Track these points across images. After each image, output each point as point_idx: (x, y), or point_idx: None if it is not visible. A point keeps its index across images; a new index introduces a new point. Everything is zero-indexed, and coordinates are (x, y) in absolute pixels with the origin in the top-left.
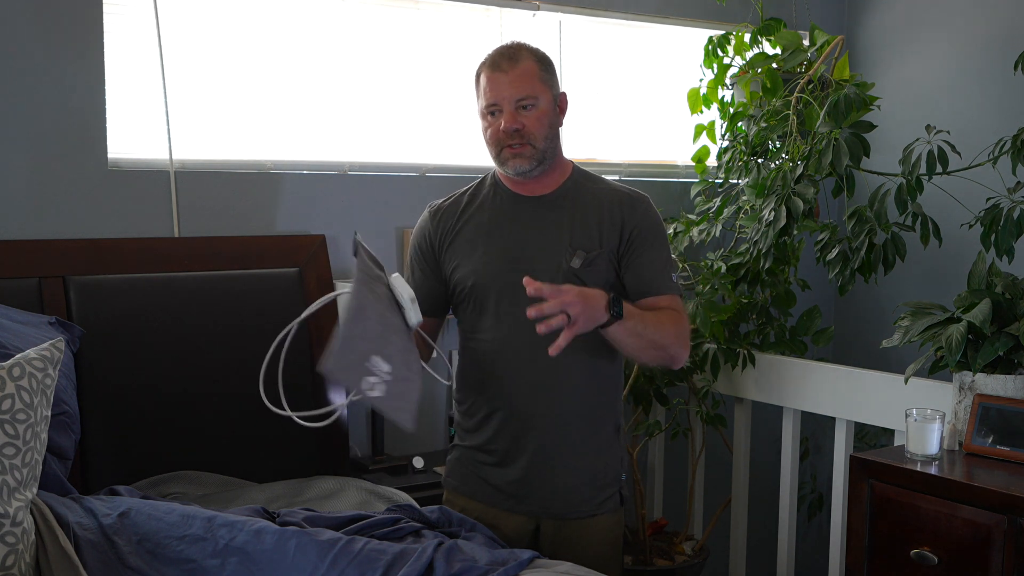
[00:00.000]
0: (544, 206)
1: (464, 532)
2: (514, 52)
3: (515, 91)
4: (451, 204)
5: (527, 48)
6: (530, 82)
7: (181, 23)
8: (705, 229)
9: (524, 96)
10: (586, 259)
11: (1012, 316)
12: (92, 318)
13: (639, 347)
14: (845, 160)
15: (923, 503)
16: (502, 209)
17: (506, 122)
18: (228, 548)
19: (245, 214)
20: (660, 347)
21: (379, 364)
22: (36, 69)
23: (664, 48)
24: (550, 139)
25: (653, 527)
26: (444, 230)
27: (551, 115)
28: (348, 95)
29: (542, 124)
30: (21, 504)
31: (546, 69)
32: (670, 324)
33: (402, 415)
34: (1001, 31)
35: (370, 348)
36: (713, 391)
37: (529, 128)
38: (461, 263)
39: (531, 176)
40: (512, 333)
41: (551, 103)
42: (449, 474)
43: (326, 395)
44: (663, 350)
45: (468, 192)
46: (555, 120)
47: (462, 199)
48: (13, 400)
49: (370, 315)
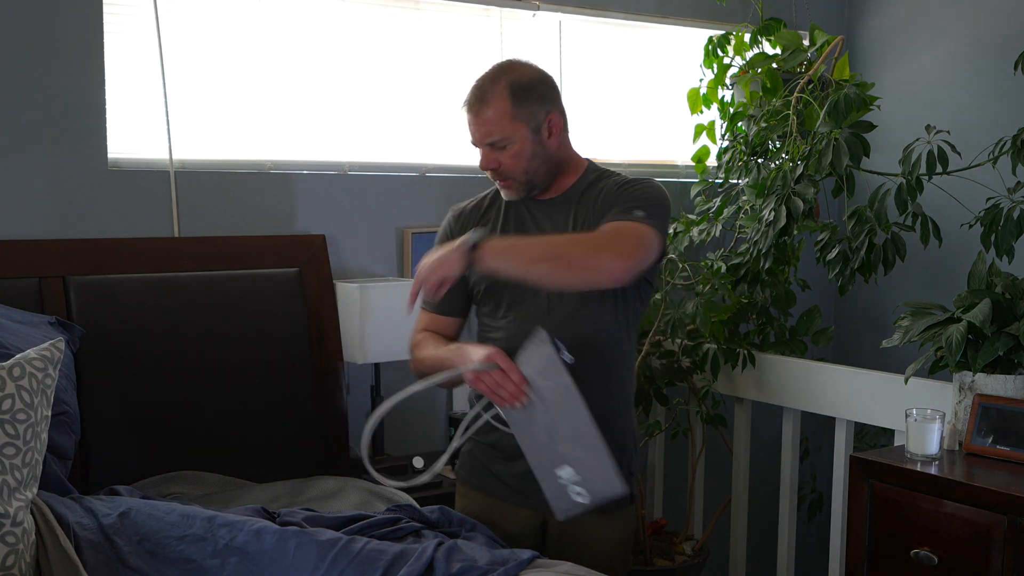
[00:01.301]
0: (552, 208)
1: (464, 532)
2: (485, 91)
3: (483, 134)
4: (473, 207)
5: (501, 83)
6: (498, 124)
7: (181, 23)
8: (705, 229)
9: (493, 140)
10: None
11: (1012, 316)
12: (92, 318)
13: (523, 265)
14: (845, 160)
15: (923, 503)
16: (516, 212)
17: (482, 162)
18: (228, 548)
19: (245, 214)
20: (552, 258)
21: (567, 474)
22: (36, 69)
23: (664, 48)
24: (533, 170)
25: (653, 527)
26: (465, 231)
27: (531, 148)
28: (348, 95)
29: (519, 160)
30: (21, 504)
31: (520, 103)
32: (566, 236)
33: (610, 489)
34: (1001, 31)
35: (551, 469)
36: (713, 391)
37: (505, 166)
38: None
39: (530, 196)
40: (519, 332)
41: (529, 136)
42: (461, 467)
43: (326, 395)
44: (558, 260)
45: (489, 195)
46: (538, 150)
47: (483, 202)
48: (13, 400)
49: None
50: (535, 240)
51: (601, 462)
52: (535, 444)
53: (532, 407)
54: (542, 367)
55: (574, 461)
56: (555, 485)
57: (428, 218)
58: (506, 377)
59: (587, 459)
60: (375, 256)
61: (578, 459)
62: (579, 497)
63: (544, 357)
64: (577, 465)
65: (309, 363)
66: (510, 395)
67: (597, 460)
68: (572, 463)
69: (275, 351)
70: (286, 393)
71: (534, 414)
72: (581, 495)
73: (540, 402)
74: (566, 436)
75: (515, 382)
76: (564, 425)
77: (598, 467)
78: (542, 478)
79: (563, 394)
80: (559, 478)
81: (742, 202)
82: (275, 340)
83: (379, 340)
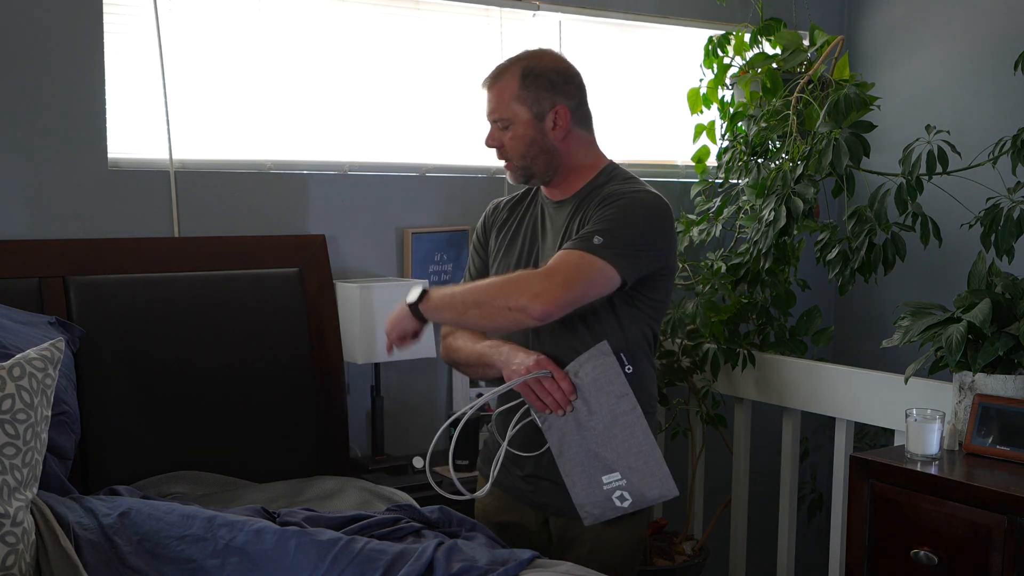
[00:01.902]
0: (558, 210)
1: (464, 532)
2: (501, 69)
3: (491, 110)
4: (507, 201)
5: (516, 64)
6: (503, 103)
7: (181, 23)
8: (705, 229)
9: (496, 118)
10: None
11: (1012, 316)
12: (92, 318)
13: (458, 315)
14: (845, 160)
15: (923, 503)
16: (533, 211)
17: (487, 139)
18: (228, 548)
19: (245, 214)
20: (477, 304)
21: (613, 480)
22: (36, 69)
23: (664, 48)
24: (531, 156)
25: (653, 527)
26: (495, 223)
27: (531, 134)
28: (348, 95)
29: (517, 144)
30: (21, 504)
31: (527, 87)
32: (490, 281)
33: (660, 493)
34: (1001, 31)
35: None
36: (713, 391)
37: (506, 148)
38: (491, 259)
39: (533, 185)
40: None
41: (530, 122)
42: (483, 460)
43: (326, 395)
44: (481, 307)
45: (531, 192)
46: (538, 138)
47: (516, 197)
48: (13, 400)
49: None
50: (466, 288)
51: (655, 467)
52: (573, 450)
53: (576, 415)
54: (602, 379)
55: (624, 468)
56: (593, 491)
57: (428, 218)
58: (555, 385)
59: (640, 465)
60: (375, 256)
61: (629, 466)
62: (620, 502)
63: (605, 368)
64: (627, 472)
65: (309, 363)
66: (555, 403)
67: (651, 465)
68: (621, 469)
69: (275, 351)
70: (286, 393)
71: (579, 422)
72: (623, 499)
73: (592, 412)
74: (619, 443)
75: (565, 391)
76: (619, 432)
77: (650, 472)
78: (577, 483)
79: (622, 404)
80: (603, 484)
81: (742, 202)
82: (275, 340)
83: (379, 340)
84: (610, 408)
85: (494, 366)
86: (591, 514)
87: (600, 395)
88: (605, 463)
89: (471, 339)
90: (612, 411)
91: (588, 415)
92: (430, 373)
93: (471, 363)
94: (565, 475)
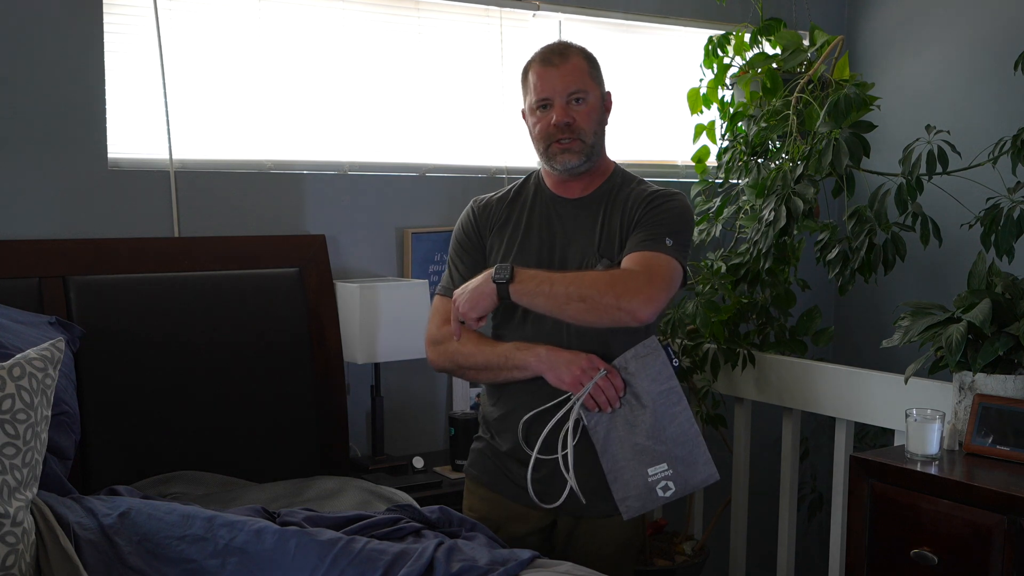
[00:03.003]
0: (579, 208)
1: (464, 532)
2: (564, 48)
3: (567, 85)
4: (497, 199)
5: (575, 46)
6: (581, 77)
7: (181, 23)
8: (705, 229)
9: (576, 90)
10: (609, 267)
11: (1012, 316)
12: (92, 318)
13: (557, 305)
14: (845, 160)
15: (923, 503)
16: (541, 210)
17: (557, 116)
18: (228, 548)
19: (245, 214)
20: (582, 299)
21: (660, 471)
22: (36, 69)
23: (664, 48)
24: (598, 135)
25: (653, 527)
26: (490, 222)
27: (599, 111)
28: (348, 95)
29: (591, 119)
30: (21, 504)
31: (594, 67)
32: (595, 275)
33: (704, 479)
34: (1001, 31)
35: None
36: (713, 391)
37: (579, 122)
38: (496, 259)
39: (577, 172)
40: (535, 334)
41: (599, 100)
42: (472, 464)
43: (326, 395)
44: (588, 301)
45: (513, 189)
46: (602, 117)
47: (507, 195)
48: (13, 400)
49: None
50: (564, 278)
51: (700, 454)
52: (617, 446)
53: (622, 410)
54: (653, 373)
55: (672, 458)
56: (637, 484)
57: (428, 218)
58: (608, 383)
59: (686, 454)
60: (375, 256)
61: (676, 456)
62: (664, 492)
63: (656, 364)
64: (674, 462)
65: (309, 363)
66: (606, 401)
67: (696, 453)
68: (668, 460)
69: (275, 351)
70: (286, 393)
71: (626, 417)
72: (667, 489)
73: (640, 406)
74: (668, 436)
75: (617, 387)
76: (668, 424)
77: (695, 460)
78: (619, 477)
79: (670, 396)
80: (648, 476)
81: (742, 202)
82: (275, 340)
83: (379, 340)
84: (659, 401)
85: (528, 368)
86: (632, 507)
87: (651, 388)
88: (653, 455)
89: (482, 343)
90: (661, 403)
91: (638, 409)
92: (430, 373)
93: (492, 367)
94: (608, 471)
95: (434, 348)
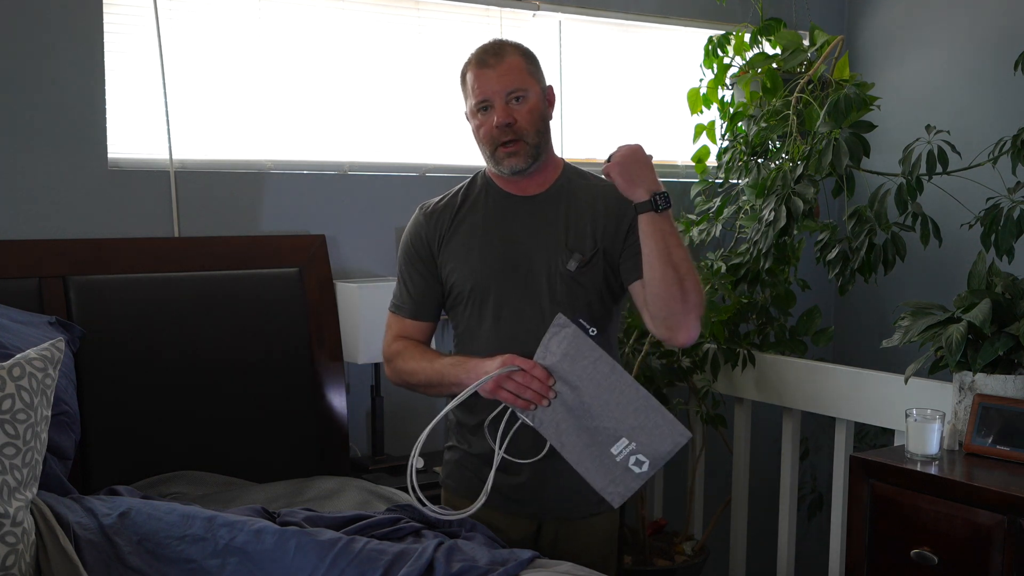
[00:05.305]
0: (537, 205)
1: (464, 532)
2: (498, 48)
3: (504, 84)
4: (445, 204)
5: (510, 44)
6: (518, 75)
7: (181, 23)
8: (705, 229)
9: (514, 88)
10: (581, 262)
11: (1012, 316)
12: (92, 318)
13: (662, 264)
14: (845, 160)
15: (923, 503)
16: (496, 209)
17: (498, 116)
18: (228, 548)
19: (245, 214)
20: (681, 280)
21: (622, 447)
22: (36, 69)
23: (664, 48)
24: (542, 132)
25: (653, 527)
26: (440, 231)
27: (541, 108)
28: (348, 95)
29: (533, 117)
30: (21, 504)
31: (531, 63)
32: (694, 270)
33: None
34: (1001, 31)
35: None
36: (713, 391)
37: (521, 122)
38: (457, 265)
39: (526, 174)
40: (512, 336)
41: (540, 96)
42: (448, 476)
43: (326, 395)
44: (679, 286)
45: (460, 191)
46: (545, 113)
47: (456, 199)
48: (13, 400)
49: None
50: (686, 254)
51: (657, 418)
52: (573, 436)
53: (562, 399)
54: (571, 350)
55: (628, 431)
56: (608, 468)
57: None
58: (529, 377)
59: (642, 422)
60: (375, 256)
61: (632, 427)
62: (638, 467)
63: (570, 339)
64: (632, 433)
65: (309, 363)
66: (535, 395)
67: (652, 418)
68: (626, 433)
69: (275, 351)
70: (286, 393)
71: (567, 405)
72: (640, 463)
73: (574, 388)
74: (614, 408)
75: (540, 379)
76: (609, 397)
77: (655, 425)
78: (589, 468)
79: (600, 368)
80: (615, 456)
81: (742, 202)
82: (275, 340)
83: (379, 340)
84: (591, 376)
85: (461, 383)
86: (616, 493)
87: (576, 367)
88: (608, 434)
89: (424, 358)
90: (594, 378)
91: (573, 393)
92: None
93: (432, 383)
94: (576, 464)
95: (387, 365)
